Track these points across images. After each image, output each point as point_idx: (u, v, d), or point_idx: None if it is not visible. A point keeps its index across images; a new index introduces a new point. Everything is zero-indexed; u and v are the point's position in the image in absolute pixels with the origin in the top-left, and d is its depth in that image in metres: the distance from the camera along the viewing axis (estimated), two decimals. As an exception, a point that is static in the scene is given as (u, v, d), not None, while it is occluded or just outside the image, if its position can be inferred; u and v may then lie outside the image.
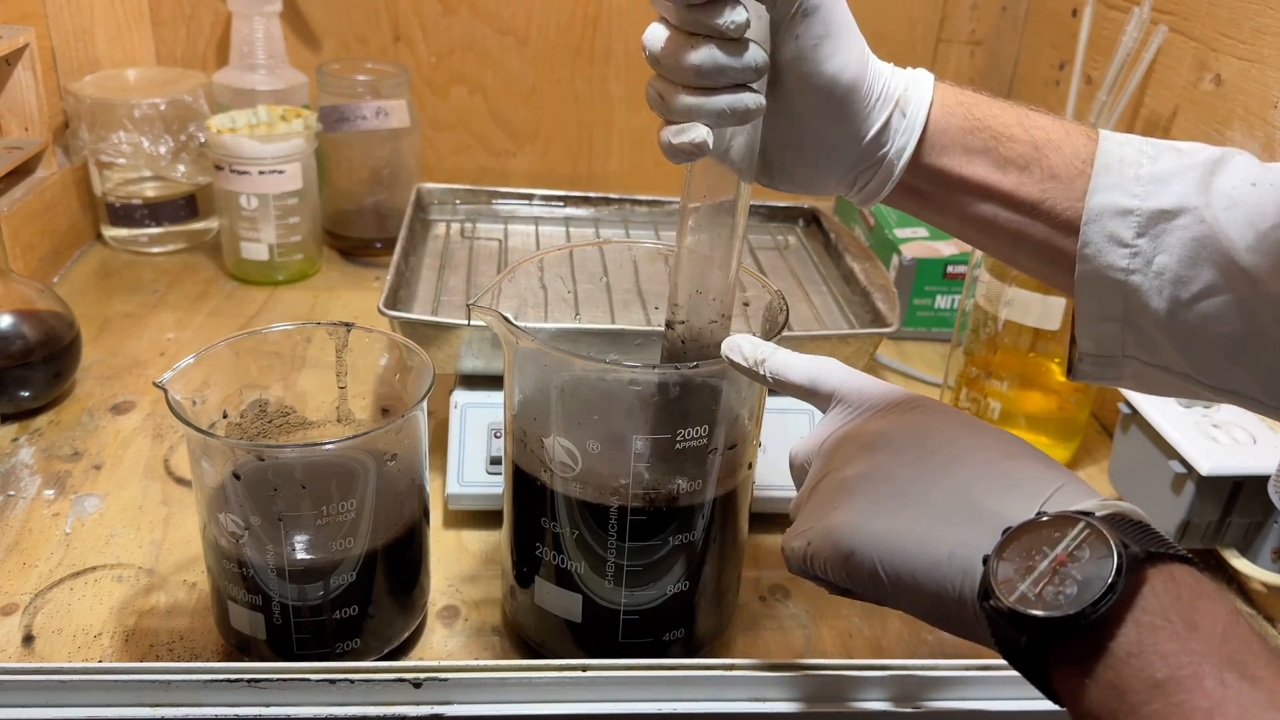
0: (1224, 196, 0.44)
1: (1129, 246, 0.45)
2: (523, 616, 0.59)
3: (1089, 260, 0.46)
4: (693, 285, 0.50)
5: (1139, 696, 0.31)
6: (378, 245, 1.08)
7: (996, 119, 0.48)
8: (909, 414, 0.42)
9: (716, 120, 0.43)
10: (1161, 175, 0.45)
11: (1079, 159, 0.46)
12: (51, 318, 0.79)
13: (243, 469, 0.52)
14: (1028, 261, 0.49)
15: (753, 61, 0.42)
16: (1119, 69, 0.82)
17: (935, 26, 1.16)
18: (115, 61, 1.09)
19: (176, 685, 0.48)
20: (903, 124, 0.47)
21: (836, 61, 0.44)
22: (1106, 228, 0.45)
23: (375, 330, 0.59)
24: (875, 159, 0.48)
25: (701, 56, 0.42)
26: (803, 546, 0.42)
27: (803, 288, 0.87)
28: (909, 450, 0.40)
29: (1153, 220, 0.44)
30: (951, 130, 0.47)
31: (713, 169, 0.47)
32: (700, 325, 0.51)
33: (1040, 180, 0.47)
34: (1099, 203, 0.45)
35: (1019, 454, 0.39)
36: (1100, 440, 0.85)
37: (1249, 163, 0.45)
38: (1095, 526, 0.34)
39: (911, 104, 0.47)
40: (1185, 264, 0.44)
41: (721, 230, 0.48)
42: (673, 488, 0.52)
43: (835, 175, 0.49)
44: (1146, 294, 0.45)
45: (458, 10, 1.11)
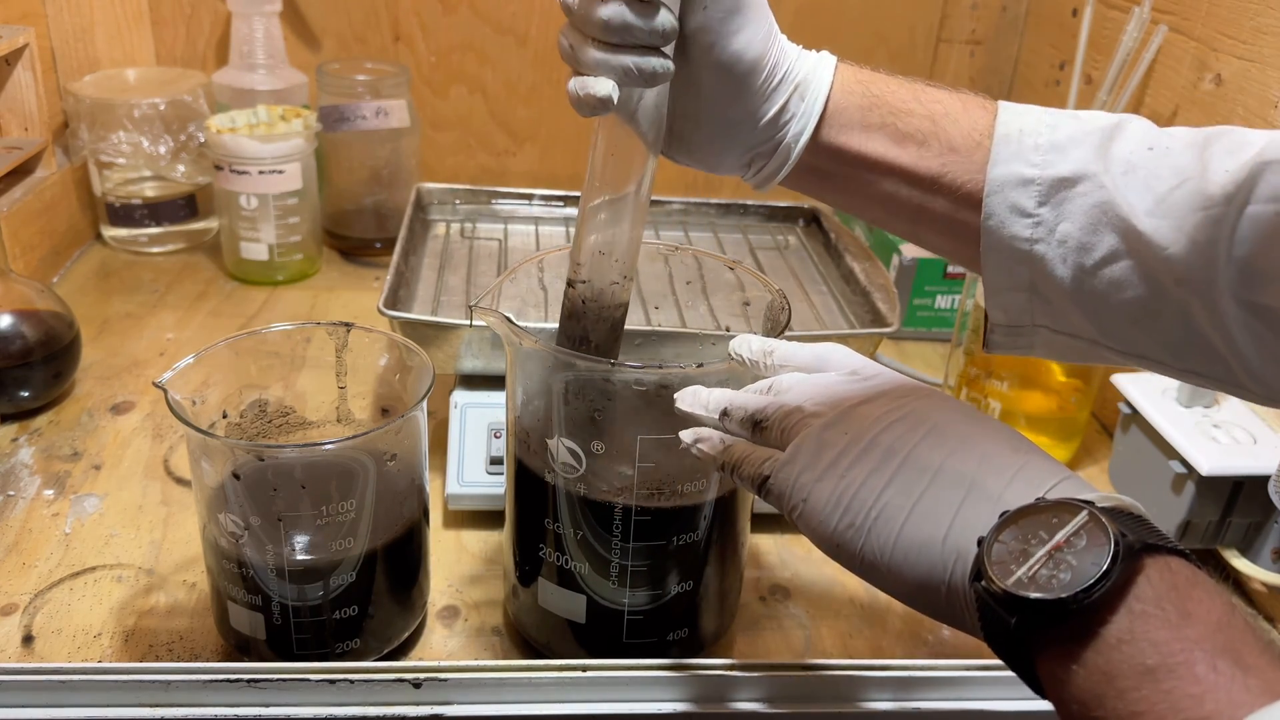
0: (1121, 162, 0.44)
1: (1031, 216, 0.45)
2: (525, 617, 0.59)
3: (993, 232, 0.46)
4: (597, 246, 0.50)
5: (1128, 682, 0.31)
6: (378, 245, 1.08)
7: (894, 94, 0.48)
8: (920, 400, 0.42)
9: (623, 78, 0.43)
10: (1060, 143, 0.45)
11: (976, 131, 0.47)
12: (51, 318, 0.79)
13: (242, 469, 0.52)
14: (931, 237, 0.49)
15: (660, 25, 0.43)
16: (1119, 69, 0.82)
17: (935, 27, 1.16)
18: (115, 61, 1.09)
19: (176, 685, 0.48)
20: (801, 107, 0.47)
21: (742, 37, 0.45)
22: (1008, 198, 0.45)
23: (375, 330, 0.59)
24: (772, 141, 0.48)
25: (610, 11, 0.42)
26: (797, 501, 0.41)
27: (803, 288, 0.87)
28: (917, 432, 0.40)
29: (1053, 188, 0.45)
30: (850, 108, 0.48)
31: (620, 129, 0.47)
32: (602, 285, 0.50)
33: (939, 154, 0.47)
34: (1000, 174, 0.45)
35: (1024, 448, 0.39)
36: (1100, 440, 0.85)
37: (1145, 127, 0.45)
38: (1094, 515, 0.33)
39: (811, 87, 0.47)
40: (1087, 231, 0.44)
41: (628, 191, 0.48)
42: (676, 488, 0.52)
43: (732, 154, 0.49)
44: (1051, 263, 0.45)
45: (458, 10, 1.11)
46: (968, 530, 0.36)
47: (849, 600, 0.66)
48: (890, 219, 0.50)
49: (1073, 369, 0.80)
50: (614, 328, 0.52)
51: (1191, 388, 0.70)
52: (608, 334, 0.52)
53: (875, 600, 0.66)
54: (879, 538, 0.38)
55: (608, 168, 0.48)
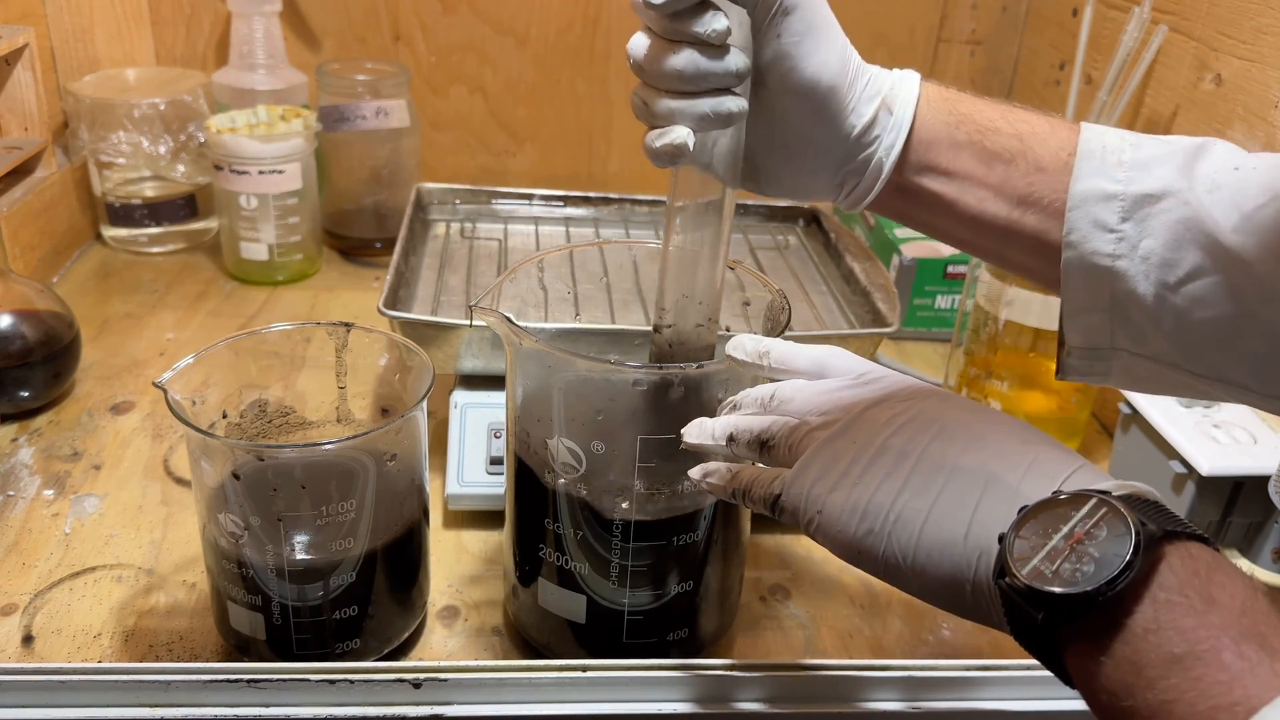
0: (1207, 180, 0.44)
1: (1114, 231, 0.45)
2: (525, 617, 0.59)
3: (1074, 247, 0.46)
4: (679, 289, 0.50)
5: (1156, 671, 0.31)
6: (378, 245, 1.08)
7: (981, 114, 0.48)
8: (927, 400, 0.42)
9: (698, 124, 0.43)
10: (1144, 161, 0.45)
11: (1064, 150, 0.46)
12: (51, 318, 0.79)
13: (242, 469, 0.52)
14: (1018, 257, 0.49)
15: (734, 66, 0.43)
16: (1119, 69, 0.82)
17: (935, 26, 1.16)
18: (115, 61, 1.09)
19: (176, 685, 0.48)
20: (889, 121, 0.47)
21: (817, 59, 0.44)
22: (1091, 213, 0.45)
23: (375, 330, 0.59)
24: (862, 158, 0.48)
25: (683, 62, 0.42)
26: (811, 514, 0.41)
27: (803, 288, 0.87)
28: (928, 432, 0.40)
29: (1137, 204, 0.45)
30: (937, 125, 0.48)
31: (696, 175, 0.47)
32: (687, 329, 0.51)
33: (1026, 173, 0.47)
34: (1083, 188, 0.45)
35: (1035, 439, 0.39)
36: (1100, 440, 0.85)
37: (1230, 149, 0.45)
38: (1113, 505, 0.34)
39: (898, 101, 0.47)
40: (1171, 247, 0.44)
41: (707, 234, 0.48)
42: (677, 488, 0.52)
43: (823, 177, 0.49)
44: (1133, 279, 0.45)
45: (458, 10, 1.11)
46: (988, 527, 0.37)
47: (849, 600, 0.66)
48: (977, 239, 0.49)
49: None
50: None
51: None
52: None
53: (875, 600, 0.66)
54: (900, 541, 0.38)
55: (688, 212, 0.48)
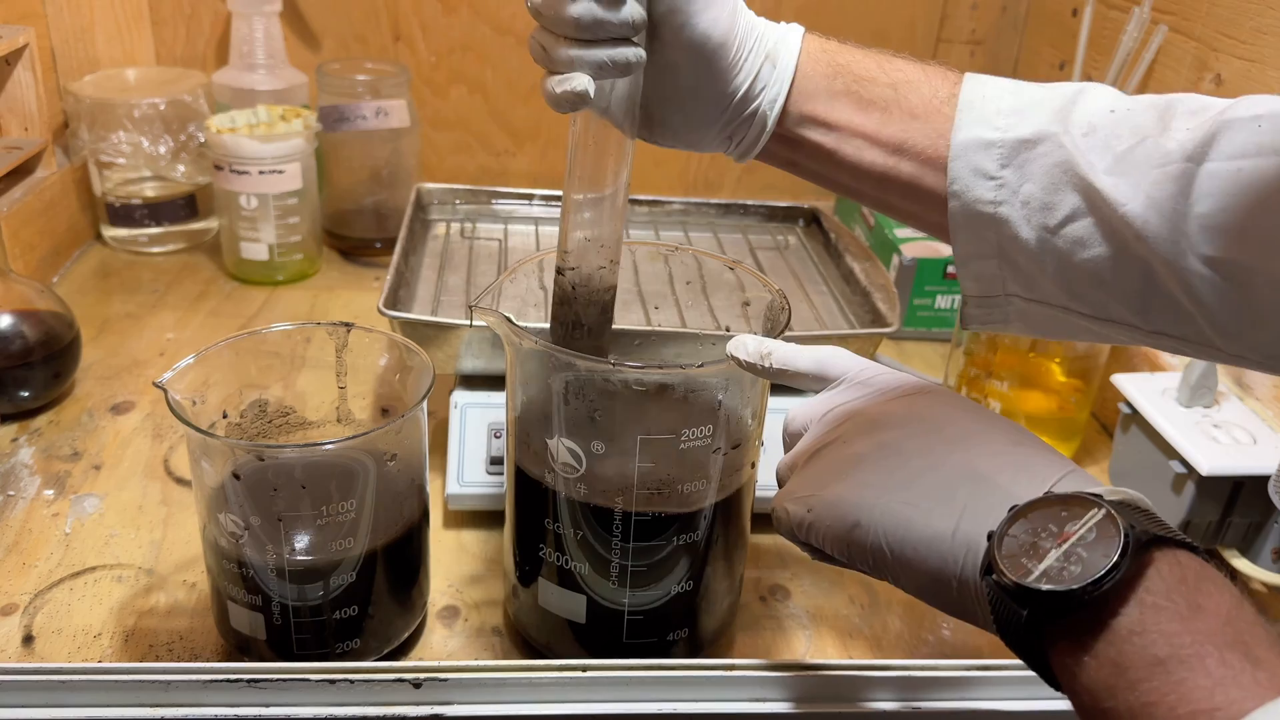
0: (1082, 124, 0.45)
1: (995, 178, 0.46)
2: (526, 617, 0.59)
3: (958, 196, 0.47)
4: (581, 232, 0.51)
5: (1139, 673, 0.31)
6: (378, 245, 1.08)
7: (859, 64, 0.49)
8: (920, 397, 0.43)
9: (598, 71, 0.44)
10: (1022, 107, 0.46)
11: (938, 97, 0.48)
12: (51, 318, 0.79)
13: (243, 469, 0.52)
14: (899, 202, 0.50)
15: (630, 16, 0.44)
16: (1119, 69, 0.82)
17: (935, 26, 1.16)
18: (115, 61, 1.09)
19: (176, 685, 0.48)
20: (773, 75, 0.48)
21: (708, 16, 0.46)
22: (972, 161, 0.46)
23: (375, 330, 0.59)
24: (748, 112, 0.49)
25: (580, 9, 0.43)
26: (801, 514, 0.42)
27: (803, 288, 0.87)
28: (919, 428, 0.40)
29: (1015, 150, 0.46)
30: (816, 76, 0.49)
31: (595, 120, 0.48)
32: (590, 270, 0.51)
33: (901, 120, 0.48)
34: (963, 138, 0.46)
35: (1027, 441, 0.40)
36: (1100, 440, 0.85)
37: (1108, 92, 0.46)
38: (1103, 508, 0.34)
39: (781, 55, 0.49)
40: (1049, 190, 0.45)
41: (606, 179, 0.49)
42: (676, 488, 0.52)
43: (712, 129, 0.50)
44: (1015, 224, 0.46)
45: (458, 10, 1.11)
46: (977, 524, 0.37)
47: (849, 600, 0.66)
48: (858, 186, 0.51)
49: (1072, 369, 0.80)
50: (604, 310, 0.53)
51: (1191, 387, 0.70)
52: (598, 317, 0.53)
53: (875, 600, 0.66)
54: (888, 534, 0.39)
55: (586, 158, 0.49)
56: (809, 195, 1.11)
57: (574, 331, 0.53)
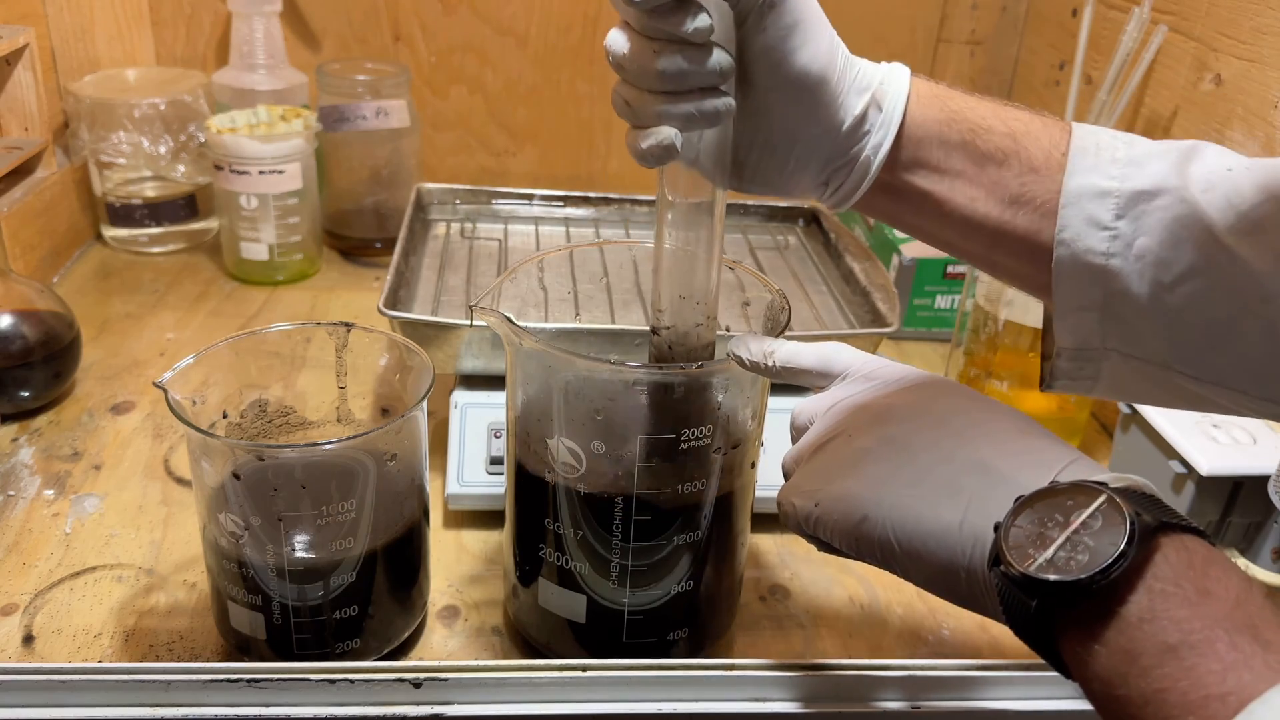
0: (1200, 180, 0.43)
1: (1108, 229, 0.44)
2: (526, 617, 0.59)
3: (1067, 244, 0.44)
4: (675, 289, 0.50)
5: (1151, 660, 0.31)
6: (378, 245, 1.08)
7: (973, 111, 0.47)
8: (924, 389, 0.42)
9: (685, 124, 0.42)
10: (1138, 158, 0.44)
11: (1058, 150, 0.45)
12: (51, 318, 0.79)
13: (243, 469, 0.52)
14: (1007, 260, 0.48)
15: (718, 65, 0.42)
16: (1119, 69, 0.82)
17: (935, 27, 1.16)
18: (115, 61, 1.09)
19: (176, 685, 0.48)
20: (879, 118, 0.46)
21: (806, 53, 0.43)
22: (1085, 210, 0.44)
23: (375, 330, 0.59)
24: (850, 155, 0.46)
25: (665, 63, 0.41)
26: (809, 508, 0.42)
27: (803, 288, 0.87)
28: (925, 421, 0.40)
29: (1132, 201, 0.44)
30: (928, 123, 0.46)
31: (684, 172, 0.46)
32: (686, 329, 0.51)
33: (1019, 173, 0.46)
34: (1076, 185, 0.44)
35: (1033, 431, 0.40)
36: (1100, 440, 0.85)
37: (1221, 151, 0.45)
38: (1109, 496, 0.34)
39: (888, 97, 0.46)
40: (1166, 245, 0.43)
41: (700, 233, 0.48)
42: (677, 488, 0.52)
43: (809, 175, 0.47)
44: (1127, 278, 0.44)
45: (458, 10, 1.11)
46: (984, 515, 0.37)
47: (849, 600, 0.66)
48: (966, 241, 0.48)
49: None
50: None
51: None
52: None
53: (875, 600, 0.66)
54: (896, 528, 0.39)
55: (678, 211, 0.47)
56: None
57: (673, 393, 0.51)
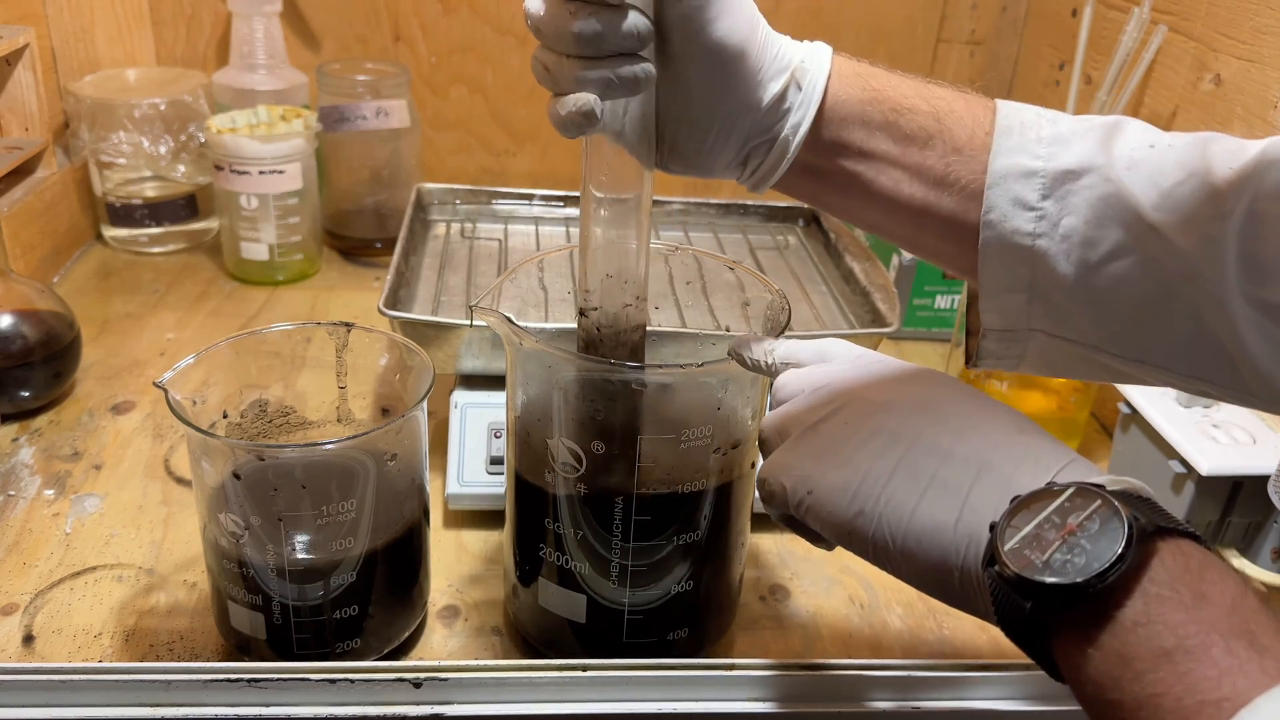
0: (1124, 157, 0.43)
1: (1035, 209, 0.44)
2: (526, 617, 0.59)
3: (994, 226, 0.44)
4: (603, 269, 0.49)
5: (1144, 664, 0.31)
6: (378, 245, 1.08)
7: (896, 89, 0.46)
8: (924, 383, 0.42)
9: (603, 90, 0.42)
10: (1063, 136, 0.44)
11: (982, 130, 0.45)
12: (51, 318, 0.79)
13: (243, 469, 0.52)
14: (932, 241, 0.47)
15: (634, 28, 0.41)
16: (1119, 69, 0.82)
17: (935, 26, 1.16)
18: (115, 61, 1.09)
19: (176, 685, 0.48)
20: (799, 97, 0.45)
21: (724, 23, 0.42)
22: (1011, 190, 0.44)
23: (375, 330, 0.59)
24: (769, 133, 0.46)
25: (581, 25, 0.40)
26: (801, 494, 0.41)
27: (803, 288, 0.87)
28: (924, 416, 0.40)
29: (1058, 180, 0.43)
30: (850, 102, 0.46)
31: (609, 146, 0.46)
32: (615, 310, 0.50)
33: (944, 154, 0.45)
34: (1002, 165, 0.44)
35: (1030, 430, 0.39)
36: (1100, 440, 0.85)
37: (1143, 127, 0.44)
38: (1106, 498, 0.33)
39: (808, 75, 0.45)
40: (1092, 225, 0.43)
41: (628, 209, 0.47)
42: (676, 488, 0.52)
43: (727, 152, 0.46)
44: (1053, 258, 0.44)
45: (458, 10, 1.11)
46: (979, 514, 0.36)
47: (849, 600, 0.66)
48: (890, 222, 0.48)
49: (1073, 369, 0.80)
50: (634, 351, 0.51)
51: (1191, 388, 0.70)
52: (628, 358, 0.51)
53: (875, 600, 0.66)
54: (890, 524, 0.38)
55: (603, 189, 0.47)
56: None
57: None
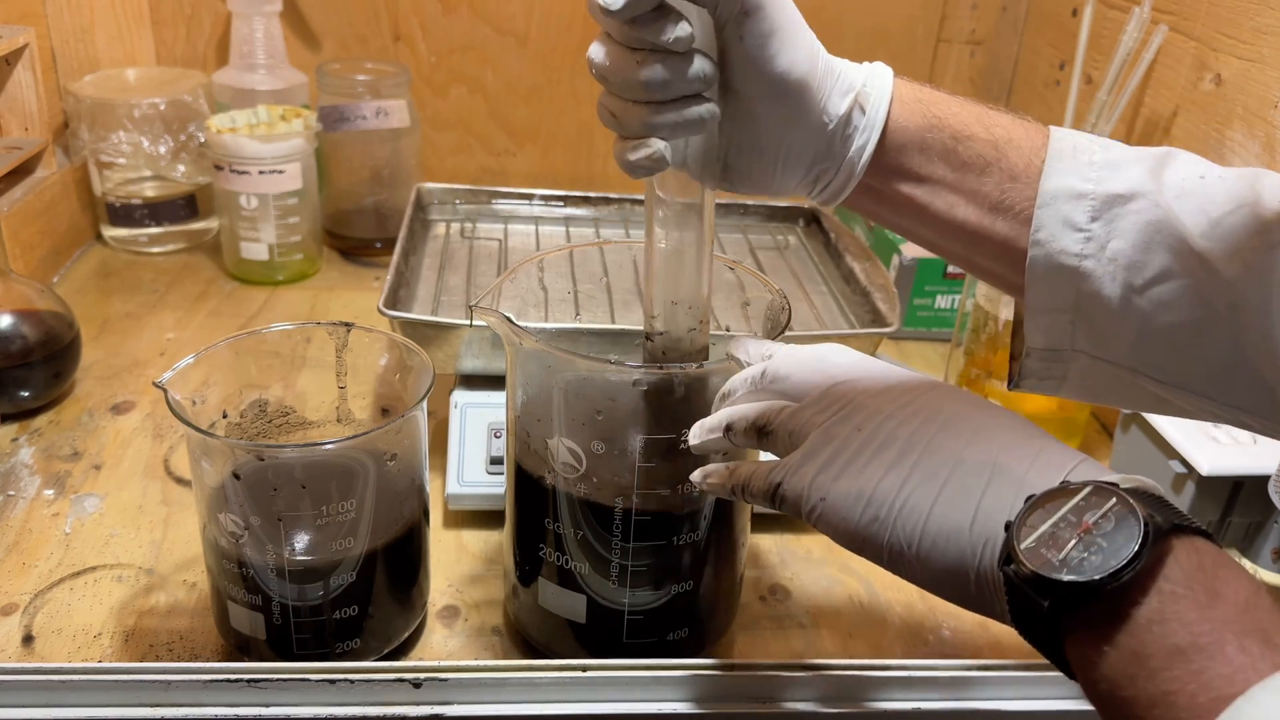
0: (1174, 187, 0.44)
1: (1083, 231, 0.44)
2: (526, 617, 0.59)
3: (1041, 245, 0.45)
4: (668, 295, 0.50)
5: (1159, 662, 0.31)
6: (378, 245, 1.08)
7: (956, 117, 0.47)
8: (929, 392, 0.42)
9: (671, 133, 0.43)
10: (1114, 161, 0.45)
11: (1038, 158, 0.46)
12: (51, 318, 0.79)
13: (243, 469, 0.52)
14: (985, 262, 0.48)
15: (700, 72, 0.42)
16: (1119, 69, 0.82)
17: (935, 26, 1.16)
18: (115, 61, 1.09)
19: (176, 685, 0.48)
20: (863, 121, 0.46)
21: (785, 58, 0.44)
22: (1060, 211, 0.45)
23: (375, 330, 0.59)
24: (835, 156, 0.47)
25: (648, 73, 0.42)
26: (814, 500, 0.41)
27: (803, 288, 0.87)
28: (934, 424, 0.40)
29: (1107, 204, 0.44)
30: (910, 129, 0.47)
31: (672, 177, 0.47)
32: (679, 334, 0.51)
33: (1000, 181, 0.46)
34: (1053, 186, 0.45)
35: (1037, 434, 0.40)
36: (1100, 440, 0.85)
37: (1194, 158, 0.45)
38: (1121, 497, 0.34)
39: (871, 99, 0.46)
40: (1139, 249, 0.44)
41: (689, 236, 0.48)
42: (677, 487, 0.52)
43: (795, 176, 0.48)
44: (1099, 280, 0.45)
45: (458, 10, 1.11)
46: (994, 516, 0.37)
47: (849, 600, 0.66)
48: (946, 243, 0.49)
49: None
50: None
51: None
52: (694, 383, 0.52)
53: (875, 600, 0.66)
54: (905, 529, 0.38)
55: (667, 218, 0.48)
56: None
57: (665, 398, 0.51)
